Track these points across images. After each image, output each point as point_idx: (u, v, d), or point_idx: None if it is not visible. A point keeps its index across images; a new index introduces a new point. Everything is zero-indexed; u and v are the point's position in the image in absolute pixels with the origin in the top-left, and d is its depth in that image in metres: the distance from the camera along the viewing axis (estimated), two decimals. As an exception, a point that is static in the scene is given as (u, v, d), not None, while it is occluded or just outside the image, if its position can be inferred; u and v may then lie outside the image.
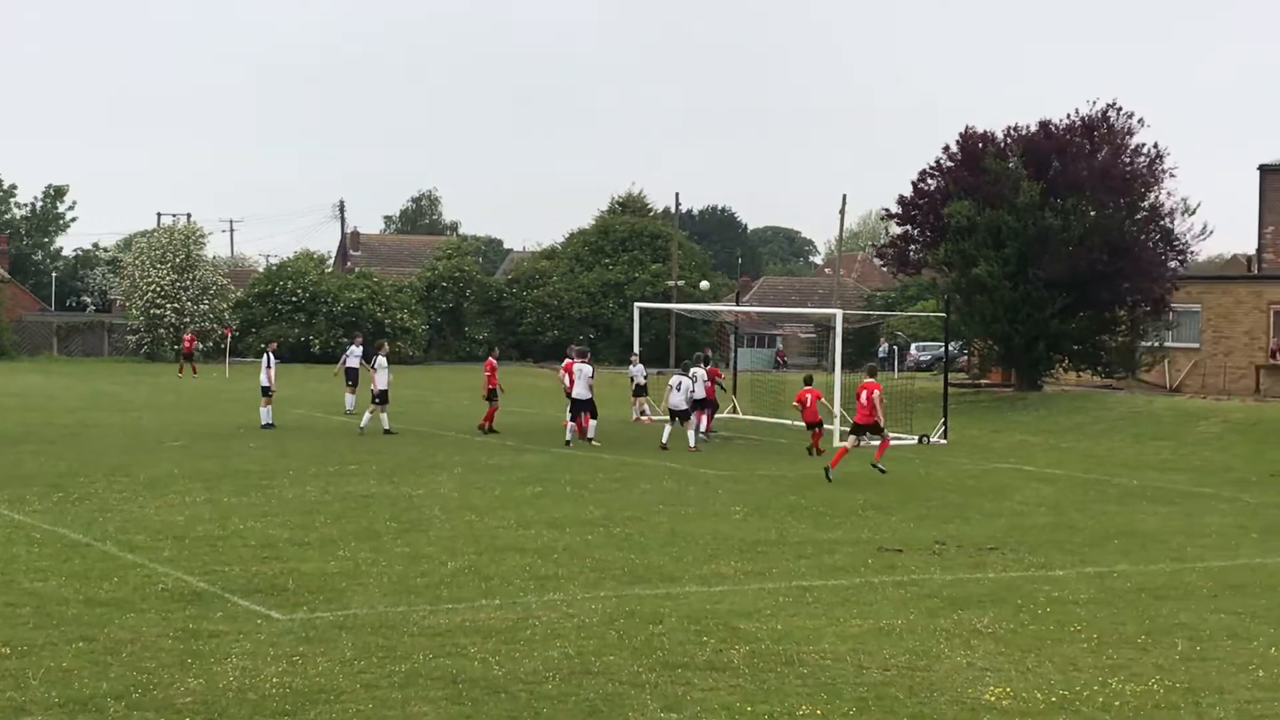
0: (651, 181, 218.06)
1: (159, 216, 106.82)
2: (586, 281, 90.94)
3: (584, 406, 35.46)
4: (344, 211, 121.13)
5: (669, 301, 78.91)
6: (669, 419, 35.24)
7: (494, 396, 37.67)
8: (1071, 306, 48.03)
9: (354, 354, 42.46)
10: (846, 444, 29.86)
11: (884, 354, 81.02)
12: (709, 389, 37.53)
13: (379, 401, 36.57)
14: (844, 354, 40.61)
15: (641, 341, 47.54)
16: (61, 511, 21.70)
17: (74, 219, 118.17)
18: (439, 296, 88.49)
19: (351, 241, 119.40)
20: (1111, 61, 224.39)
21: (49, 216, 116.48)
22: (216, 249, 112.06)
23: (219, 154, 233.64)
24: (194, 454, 30.70)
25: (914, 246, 52.94)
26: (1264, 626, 15.28)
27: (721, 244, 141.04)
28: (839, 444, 30.97)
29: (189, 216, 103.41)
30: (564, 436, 35.25)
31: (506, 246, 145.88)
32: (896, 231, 54.59)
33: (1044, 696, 12.16)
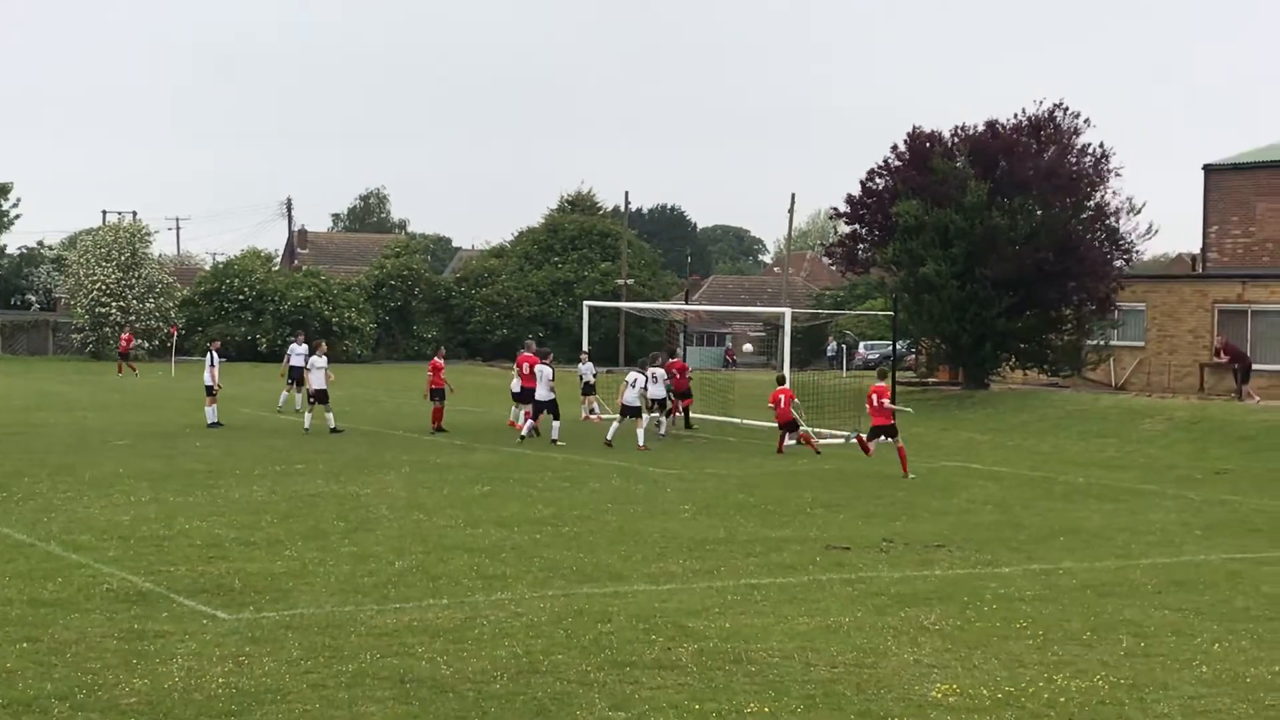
0: (601, 180, 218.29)
1: (104, 214, 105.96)
2: (536, 280, 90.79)
3: (545, 407, 35.44)
4: (291, 209, 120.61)
5: (618, 300, 78.95)
6: (619, 416, 35.22)
7: (437, 396, 37.46)
8: (1018, 305, 48.26)
9: (296, 353, 42.37)
10: (884, 442, 30.40)
11: (832, 353, 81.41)
12: (680, 381, 38.55)
13: (315, 400, 36.52)
14: (793, 352, 40.70)
15: (591, 340, 47.50)
16: (5, 512, 21.51)
17: (18, 216, 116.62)
18: (387, 295, 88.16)
19: (299, 240, 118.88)
20: (1058, 63, 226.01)
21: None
22: (162, 247, 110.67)
23: (165, 152, 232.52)
24: (139, 453, 30.49)
25: (862, 246, 53.13)
26: (1208, 623, 15.41)
27: (671, 243, 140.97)
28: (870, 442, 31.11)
29: (134, 214, 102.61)
30: (519, 434, 35.27)
31: (455, 245, 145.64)
32: (845, 231, 54.75)
33: (990, 693, 12.23)
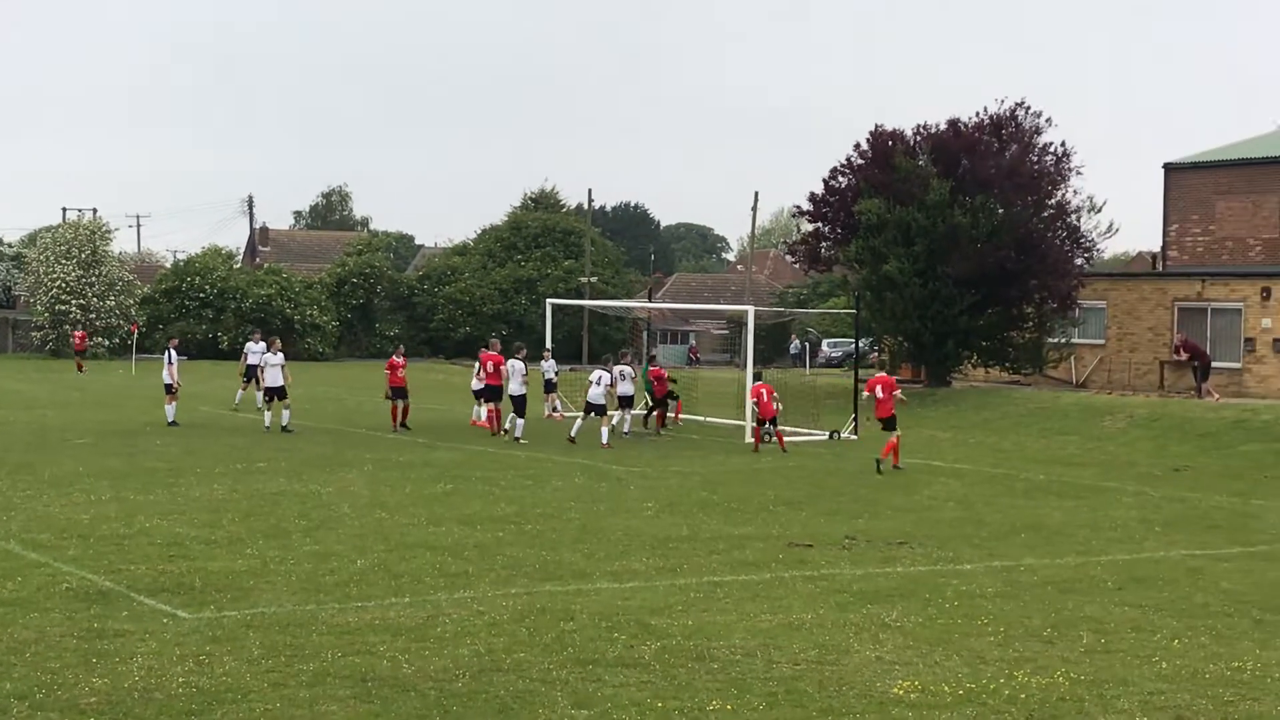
0: (565, 178, 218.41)
1: (64, 211, 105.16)
2: (499, 278, 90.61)
3: (515, 402, 35.51)
4: (253, 207, 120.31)
5: (582, 298, 78.90)
6: (583, 413, 35.18)
7: (398, 395, 37.22)
8: (980, 303, 48.46)
9: (254, 351, 42.31)
10: (893, 439, 30.97)
11: (795, 350, 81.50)
12: (659, 387, 39.22)
13: (270, 398, 36.33)
14: (756, 350, 40.76)
15: (554, 338, 47.42)
16: (-37, 510, 21.37)
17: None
18: (349, 293, 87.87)
19: (260, 237, 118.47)
20: (1020, 63, 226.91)
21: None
22: (123, 244, 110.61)
23: (126, 149, 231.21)
24: (99, 451, 30.31)
25: (825, 244, 53.24)
26: (1167, 619, 15.50)
27: (634, 240, 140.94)
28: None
29: (95, 212, 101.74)
30: (491, 431, 35.36)
31: (418, 242, 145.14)
32: (808, 229, 54.85)
33: (951, 689, 12.27)
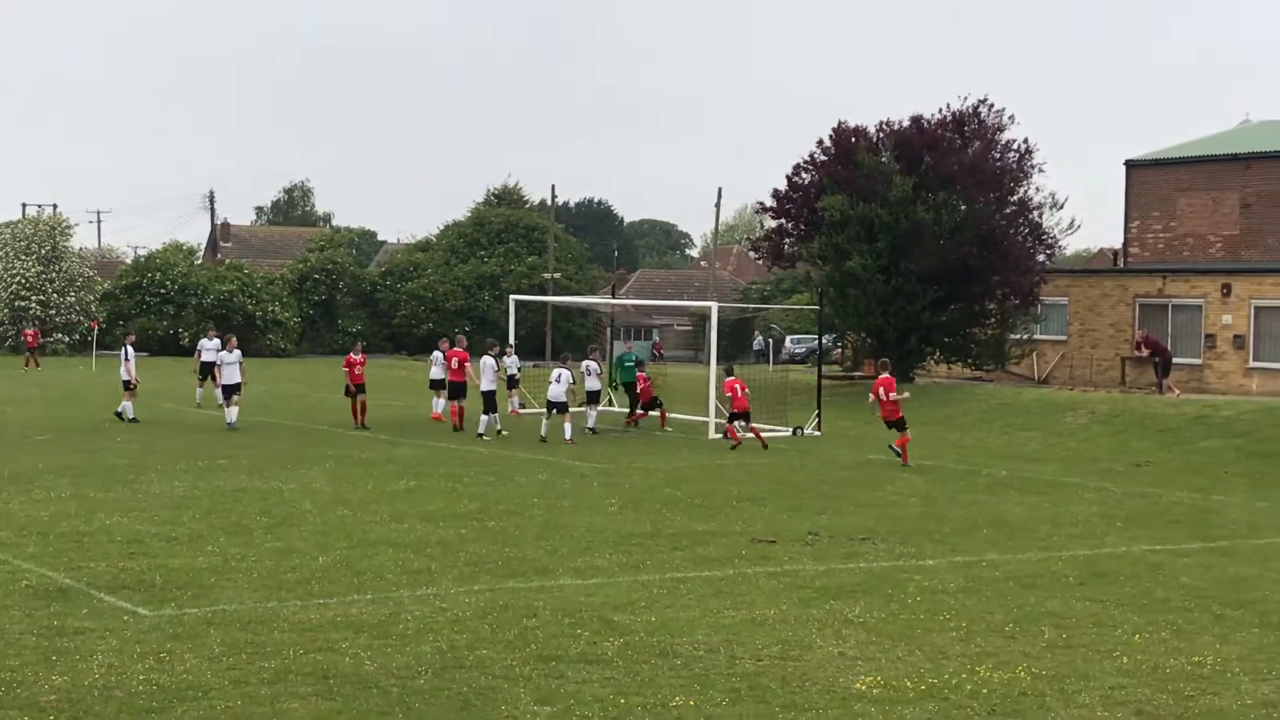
0: (527, 174, 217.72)
1: (24, 207, 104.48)
2: (462, 274, 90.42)
3: (488, 399, 35.56)
4: (214, 203, 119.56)
5: (545, 294, 78.79)
6: (547, 411, 35.12)
7: (358, 391, 37.06)
8: (943, 300, 48.59)
9: (208, 348, 42.21)
10: (905, 437, 31.16)
11: (759, 347, 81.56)
12: (647, 388, 39.51)
13: (225, 395, 36.21)
14: (720, 346, 40.79)
15: (517, 334, 47.33)
16: (-79, 508, 21.23)
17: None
18: (311, 289, 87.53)
19: (222, 233, 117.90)
20: (983, 60, 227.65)
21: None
22: (83, 240, 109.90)
23: (86, 144, 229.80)
24: (59, 448, 30.15)
25: (788, 240, 53.29)
26: (1128, 614, 15.57)
27: (598, 237, 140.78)
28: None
29: (55, 207, 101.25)
30: (477, 429, 35.25)
31: (380, 238, 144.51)
32: (771, 225, 54.92)
33: (913, 685, 12.30)
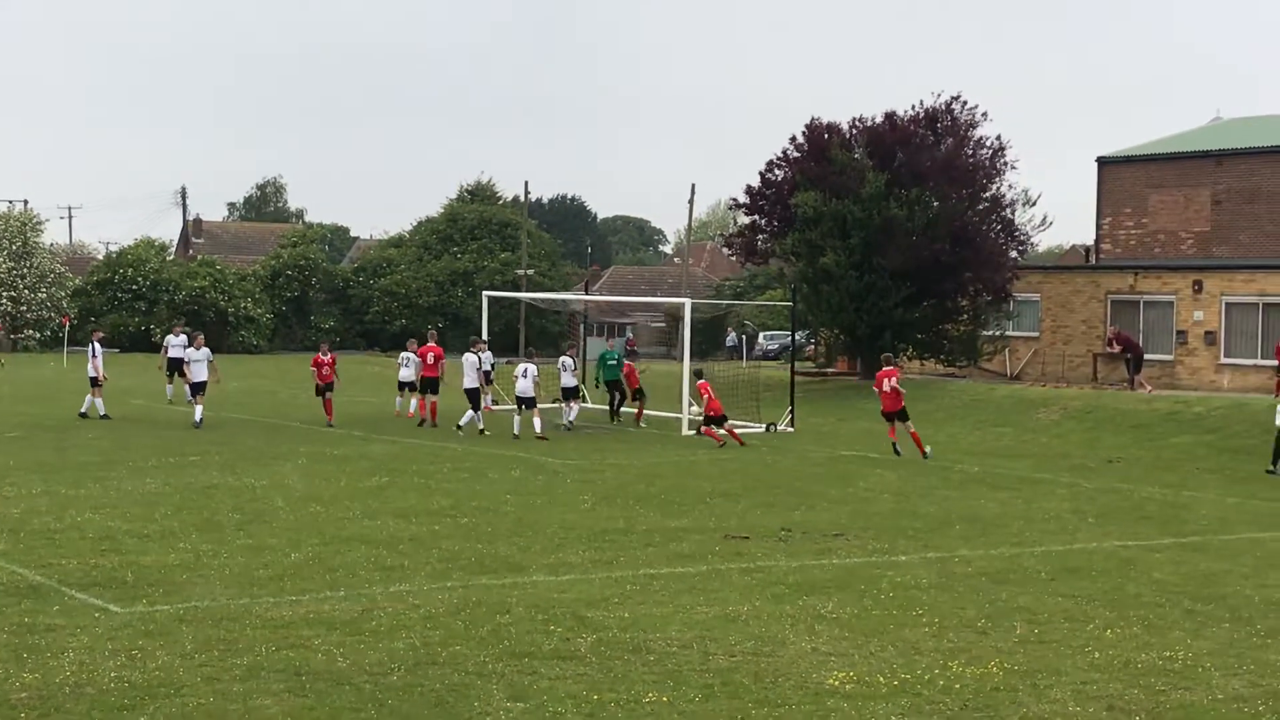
0: (500, 170, 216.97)
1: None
2: (435, 270, 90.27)
3: (471, 396, 35.45)
4: (186, 199, 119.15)
5: (518, 290, 78.71)
6: (517, 407, 35.08)
7: (327, 390, 36.90)
8: (915, 296, 48.70)
9: (174, 344, 42.11)
10: (906, 430, 31.56)
11: (732, 343, 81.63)
12: (633, 381, 39.62)
13: (193, 393, 36.00)
14: (693, 343, 40.83)
15: (491, 330, 47.29)
16: (-110, 505, 21.11)
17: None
18: (284, 285, 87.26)
19: (194, 229, 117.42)
20: (956, 58, 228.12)
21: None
22: (54, 236, 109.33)
23: (57, 140, 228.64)
24: (30, 445, 30.02)
25: (762, 236, 53.38)
26: (1100, 609, 15.63)
27: (571, 233, 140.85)
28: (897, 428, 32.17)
29: (25, 203, 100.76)
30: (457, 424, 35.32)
31: (353, 234, 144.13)
32: (744, 221, 55.03)
33: (886, 680, 12.33)
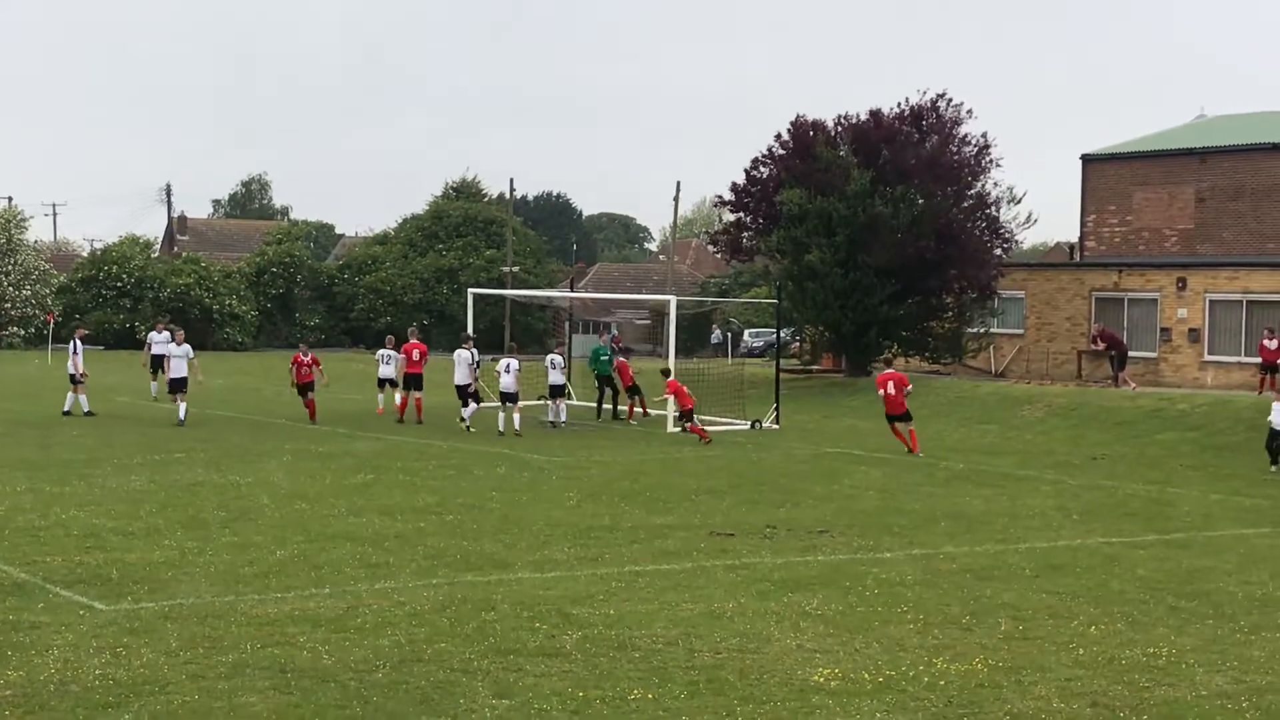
0: (486, 167, 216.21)
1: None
2: (420, 267, 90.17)
3: (462, 392, 35.42)
4: (171, 196, 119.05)
5: (503, 287, 78.64)
6: (501, 403, 35.08)
7: (308, 389, 36.83)
8: (900, 293, 48.76)
9: (157, 341, 42.06)
10: (906, 429, 32.22)
11: (717, 340, 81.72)
12: (626, 377, 39.48)
13: (171, 390, 35.85)
14: (679, 340, 40.85)
15: (476, 327, 47.28)
16: (-127, 502, 21.05)
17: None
18: (269, 282, 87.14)
19: (179, 226, 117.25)
20: (941, 56, 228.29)
21: None
22: (39, 233, 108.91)
23: (41, 136, 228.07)
24: (15, 442, 29.95)
25: (747, 234, 53.41)
26: (1084, 605, 15.67)
27: (556, 230, 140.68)
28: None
29: (10, 200, 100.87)
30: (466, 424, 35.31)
31: (338, 231, 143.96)
32: (730, 219, 55.07)
33: (871, 677, 12.35)
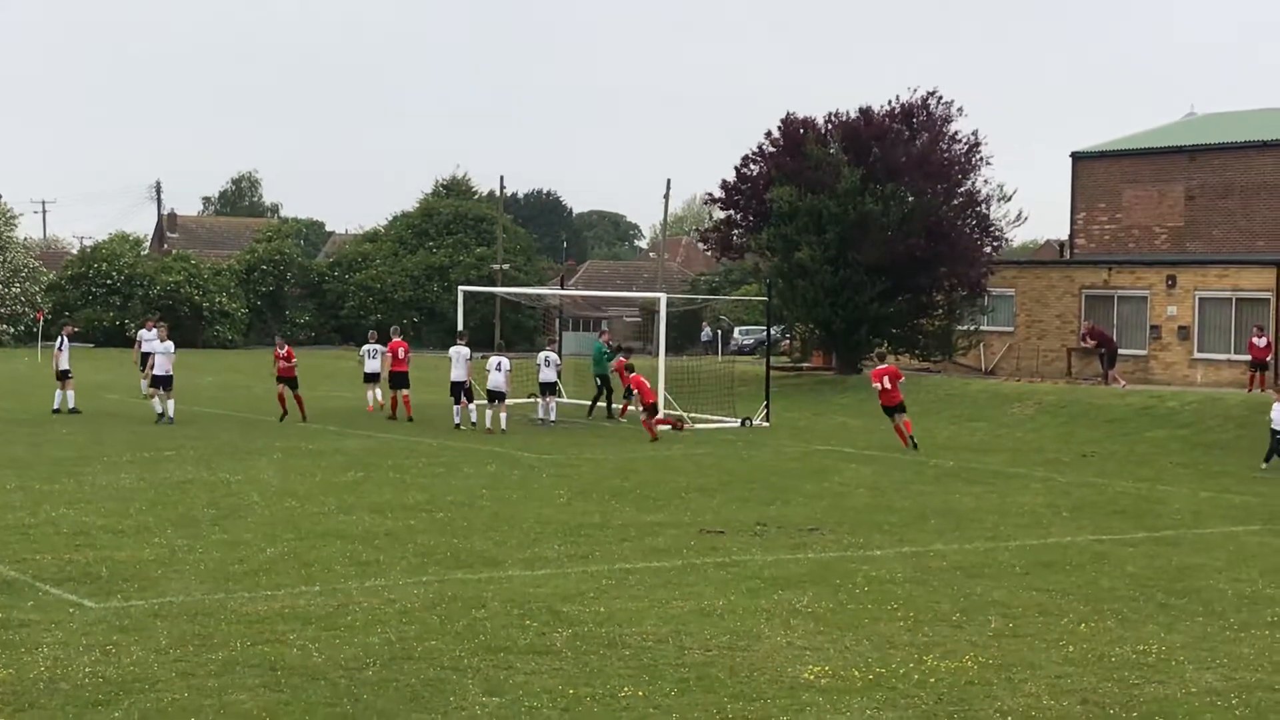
0: (476, 165, 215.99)
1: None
2: (410, 265, 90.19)
3: (458, 389, 35.52)
4: (161, 193, 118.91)
5: (494, 285, 78.59)
6: (490, 401, 35.08)
7: (292, 385, 36.77)
8: (890, 291, 48.76)
9: (147, 338, 42.05)
10: (901, 420, 32.56)
11: (707, 338, 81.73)
12: (622, 377, 38.74)
13: (154, 386, 35.57)
14: (669, 338, 40.87)
15: (466, 325, 47.23)
16: None
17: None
18: (259, 280, 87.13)
19: (169, 223, 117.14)
20: (932, 55, 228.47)
21: None
22: (29, 231, 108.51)
23: (31, 133, 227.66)
24: (4, 440, 29.92)
25: (737, 231, 53.39)
26: (1074, 603, 15.69)
27: (547, 228, 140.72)
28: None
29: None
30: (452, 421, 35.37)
31: (329, 229, 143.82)
32: (720, 216, 55.00)
33: (861, 674, 12.36)
